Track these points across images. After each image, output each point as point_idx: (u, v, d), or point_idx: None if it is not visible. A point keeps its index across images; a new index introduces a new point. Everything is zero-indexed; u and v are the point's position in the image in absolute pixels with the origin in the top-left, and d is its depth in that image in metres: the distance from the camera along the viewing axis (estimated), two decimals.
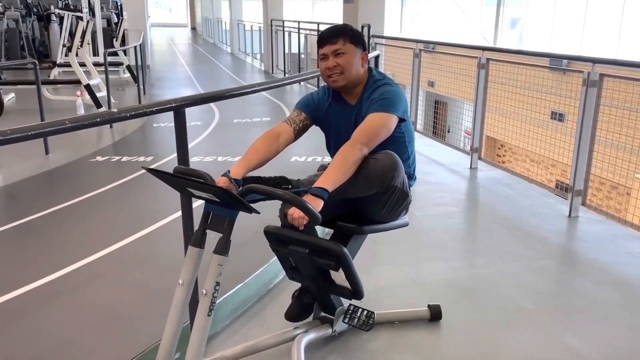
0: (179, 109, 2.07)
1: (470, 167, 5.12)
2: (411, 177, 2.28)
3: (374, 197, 2.10)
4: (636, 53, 11.80)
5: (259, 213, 1.68)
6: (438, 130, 6.91)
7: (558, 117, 6.82)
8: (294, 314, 2.35)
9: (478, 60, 5.07)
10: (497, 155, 11.65)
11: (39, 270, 2.96)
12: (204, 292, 1.73)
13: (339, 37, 2.11)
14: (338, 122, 2.22)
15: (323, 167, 2.28)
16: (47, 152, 5.65)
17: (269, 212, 2.13)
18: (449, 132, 7.69)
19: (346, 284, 2.13)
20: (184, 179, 1.70)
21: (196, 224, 1.85)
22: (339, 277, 2.15)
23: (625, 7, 12.49)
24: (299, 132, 2.20)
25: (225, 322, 2.54)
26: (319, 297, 2.33)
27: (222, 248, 1.73)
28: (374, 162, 2.02)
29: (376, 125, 2.03)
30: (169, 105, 2.05)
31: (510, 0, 16.11)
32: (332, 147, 2.26)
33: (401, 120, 2.12)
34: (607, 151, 4.31)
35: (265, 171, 2.04)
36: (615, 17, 12.75)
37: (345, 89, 2.17)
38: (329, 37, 2.12)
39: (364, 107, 2.13)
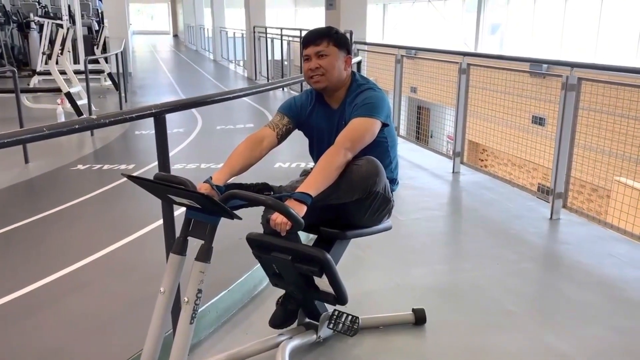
0: (159, 115, 2.05)
1: (453, 172, 5.15)
2: (394, 182, 2.29)
3: (357, 203, 2.10)
4: (613, 57, 12.02)
5: (240, 219, 1.67)
6: (421, 135, 6.95)
7: (539, 121, 6.91)
8: (279, 320, 2.33)
9: (459, 65, 5.11)
10: (480, 159, 11.75)
11: (20, 280, 2.91)
12: (186, 300, 1.71)
13: (323, 39, 2.12)
14: (321, 127, 2.22)
15: (306, 173, 2.28)
16: (26, 161, 5.57)
17: (251, 219, 2.12)
18: (431, 137, 7.74)
19: (330, 289, 2.12)
20: (165, 186, 1.69)
21: (178, 231, 1.83)
22: (322, 283, 2.14)
23: (603, 12, 12.73)
24: (282, 137, 2.19)
25: (209, 330, 2.51)
26: (303, 304, 2.32)
27: (204, 255, 1.72)
28: (356, 168, 2.02)
29: (360, 130, 2.03)
30: (149, 112, 2.03)
31: (491, 6, 16.34)
32: (315, 151, 2.26)
33: (384, 125, 2.12)
34: (586, 154, 4.38)
35: (249, 177, 2.03)
36: (593, 23, 12.98)
37: (328, 91, 2.17)
38: (313, 38, 2.13)
39: (347, 112, 2.13)
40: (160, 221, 2.26)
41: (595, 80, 3.95)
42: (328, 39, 2.12)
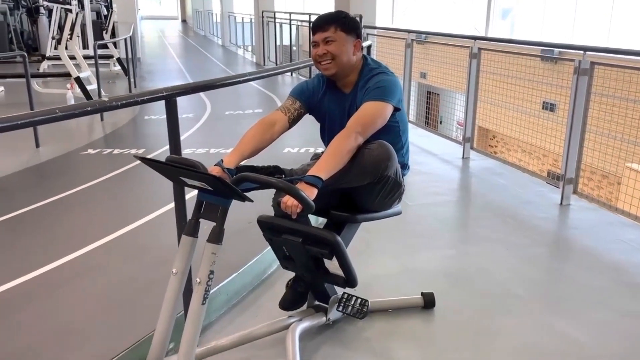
0: (170, 97, 2.06)
1: (463, 157, 5.14)
2: (405, 166, 2.29)
3: (367, 187, 2.10)
4: (627, 43, 11.84)
5: (252, 201, 1.68)
6: (430, 121, 6.92)
7: (549, 107, 6.85)
8: (288, 302, 2.35)
9: (470, 49, 5.07)
10: (489, 146, 11.68)
11: (32, 262, 2.95)
12: (198, 280, 1.73)
13: (331, 24, 2.10)
14: (332, 111, 2.21)
15: (317, 156, 2.28)
16: (37, 146, 5.61)
17: (262, 202, 2.13)
18: (441, 123, 7.71)
19: (340, 272, 2.13)
20: (177, 168, 1.69)
21: (189, 214, 1.85)
22: (332, 265, 2.15)
23: None
24: (293, 121, 2.19)
25: (220, 311, 2.54)
26: (313, 286, 2.34)
27: (216, 237, 1.73)
28: (367, 153, 2.02)
29: (371, 114, 2.02)
30: (160, 94, 2.03)
31: None
32: (326, 136, 2.25)
33: (396, 110, 2.11)
34: (598, 139, 4.34)
35: (258, 162, 2.03)
36: (606, 6, 12.77)
37: (338, 76, 2.16)
38: (321, 24, 2.11)
39: (359, 96, 2.12)
40: (171, 205, 2.28)
41: (609, 64, 3.90)
42: (336, 25, 2.10)
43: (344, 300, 2.36)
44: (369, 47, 5.72)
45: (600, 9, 13.03)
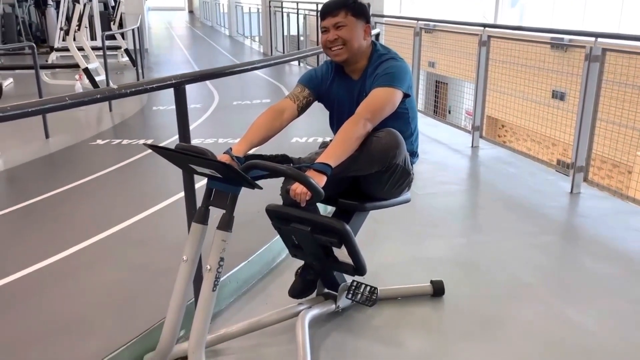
0: (179, 85, 2.06)
1: (472, 146, 5.11)
2: (414, 154, 2.27)
3: (376, 175, 2.09)
4: (638, 28, 11.68)
5: (261, 189, 1.68)
6: (439, 110, 6.88)
7: (559, 95, 6.78)
8: (298, 290, 2.36)
9: (479, 37, 5.02)
10: (498, 135, 11.61)
11: (43, 252, 2.97)
12: (209, 267, 1.74)
13: (341, 9, 2.07)
14: (341, 98, 2.20)
15: (325, 145, 2.27)
16: (47, 136, 5.64)
17: (270, 190, 2.13)
18: (449, 112, 7.66)
19: (349, 260, 2.13)
20: (187, 155, 1.70)
21: (199, 202, 1.85)
22: (341, 253, 2.15)
23: None
24: (302, 109, 2.17)
25: (229, 299, 2.55)
26: (322, 274, 2.34)
27: (225, 224, 1.74)
28: (376, 140, 2.01)
29: (380, 100, 2.01)
30: (169, 82, 2.03)
31: None
32: (335, 123, 2.24)
33: (405, 96, 2.09)
34: (609, 128, 4.30)
35: (266, 151, 2.03)
36: None
37: (348, 62, 2.14)
38: (330, 9, 2.09)
39: (368, 82, 2.10)
40: (180, 195, 2.28)
41: (621, 50, 3.86)
42: (346, 9, 2.08)
43: (353, 288, 2.37)
44: (377, 36, 5.68)
45: None
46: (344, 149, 1.91)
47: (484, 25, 5.18)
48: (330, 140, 2.07)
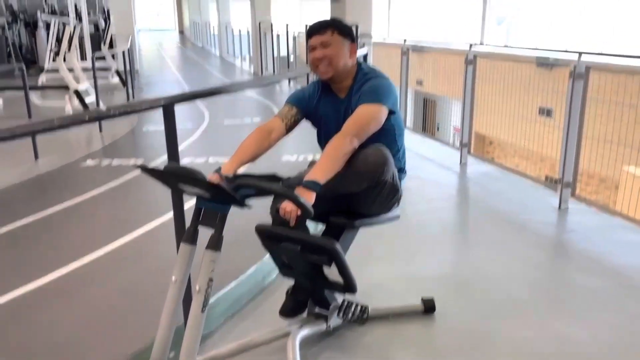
0: (168, 106, 2.07)
1: (460, 163, 5.15)
2: (401, 170, 2.29)
3: (365, 192, 2.10)
4: (622, 48, 11.91)
5: (250, 208, 1.69)
6: (428, 127, 6.94)
7: (546, 112, 6.87)
8: (289, 310, 2.35)
9: (465, 56, 5.09)
10: (487, 152, 11.70)
11: (32, 274, 2.95)
12: (198, 288, 1.73)
13: (327, 28, 2.13)
14: (328, 116, 2.23)
15: (313, 163, 2.29)
16: (36, 157, 5.62)
17: (259, 210, 2.13)
18: (438, 130, 7.73)
19: (339, 279, 2.13)
20: (176, 175, 1.70)
21: (188, 222, 1.85)
22: (331, 272, 2.15)
23: (611, 2, 12.62)
24: (290, 127, 2.20)
25: (220, 320, 2.53)
26: (312, 293, 2.34)
27: (215, 244, 1.74)
28: (363, 157, 2.03)
29: (366, 116, 2.04)
30: (158, 103, 2.05)
31: None
32: (323, 140, 2.26)
33: (391, 113, 2.12)
34: (594, 143, 4.36)
35: (257, 169, 2.04)
36: (601, 14, 12.86)
37: (334, 81, 2.18)
38: (317, 28, 2.14)
39: (354, 100, 2.14)
40: (170, 215, 2.28)
41: (604, 68, 3.93)
42: (332, 28, 2.14)
43: (344, 306, 2.36)
44: (365, 56, 5.75)
45: (595, 16, 13.11)
46: (332, 165, 1.93)
47: (470, 44, 5.25)
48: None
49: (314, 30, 2.15)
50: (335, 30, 2.13)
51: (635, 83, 4.15)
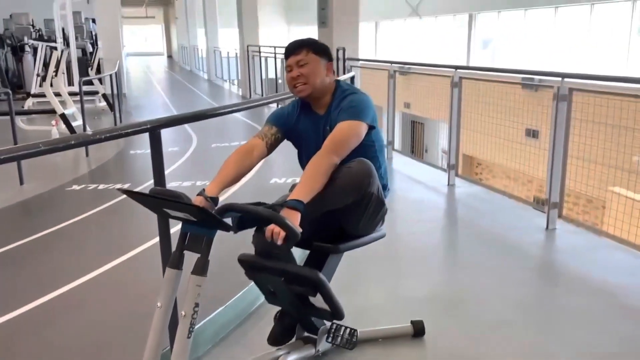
0: (154, 130, 2.06)
1: (448, 184, 5.16)
2: (385, 187, 2.29)
3: (351, 208, 2.09)
4: (603, 68, 12.15)
5: (236, 232, 1.68)
6: (416, 149, 6.98)
7: (532, 134, 6.94)
8: (277, 337, 2.32)
9: (451, 79, 5.15)
10: (475, 173, 11.79)
11: (16, 300, 2.89)
12: (183, 313, 1.70)
13: (303, 48, 2.16)
14: (308, 134, 2.24)
15: (294, 187, 2.28)
16: (21, 183, 5.55)
17: (246, 236, 2.11)
18: (426, 152, 7.79)
19: (326, 306, 2.11)
20: (160, 199, 1.69)
21: (174, 247, 1.83)
22: (317, 300, 2.13)
23: (592, 24, 12.90)
24: (271, 146, 2.21)
25: (207, 346, 2.49)
26: (300, 319, 2.31)
27: (200, 268, 1.72)
28: (347, 171, 2.03)
29: (345, 133, 2.06)
30: (144, 127, 2.04)
31: (482, 20, 16.53)
32: (304, 159, 2.27)
33: (371, 128, 2.14)
34: (580, 164, 4.39)
35: (245, 193, 2.03)
36: (583, 35, 13.14)
37: (312, 98, 2.20)
38: (293, 48, 2.17)
39: (333, 116, 2.16)
40: (156, 240, 2.26)
41: (586, 90, 3.99)
42: (307, 48, 2.17)
43: (333, 330, 2.33)
44: (352, 79, 5.81)
45: (577, 37, 13.38)
46: (314, 183, 1.93)
47: (456, 67, 5.32)
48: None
49: (289, 51, 2.18)
50: (310, 49, 2.16)
51: (617, 105, 4.21)
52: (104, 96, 11.01)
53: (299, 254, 2.57)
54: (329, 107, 2.20)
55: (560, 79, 3.94)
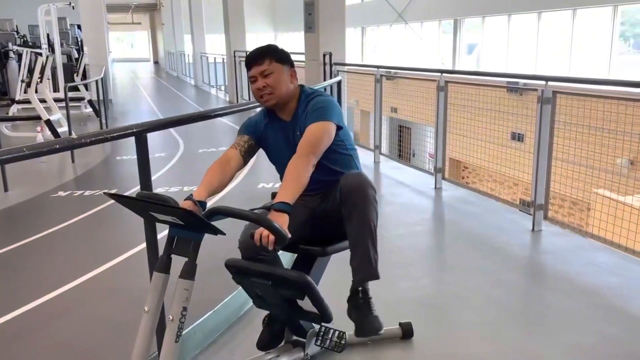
0: (140, 134, 2.06)
1: (435, 187, 5.19)
2: None
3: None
4: (586, 72, 12.31)
5: (224, 234, 1.67)
6: (403, 153, 7.01)
7: (518, 137, 7.01)
8: (266, 342, 2.31)
9: (437, 83, 5.19)
10: (462, 177, 11.87)
11: (1, 308, 2.85)
12: (171, 318, 1.70)
13: (265, 57, 2.16)
14: (277, 140, 2.26)
15: (274, 195, 2.29)
16: (6, 190, 5.49)
17: (235, 240, 2.11)
18: (414, 156, 7.80)
19: (314, 309, 2.11)
20: (147, 202, 1.68)
21: (161, 251, 1.82)
22: (306, 303, 2.13)
23: (575, 29, 13.07)
24: (245, 154, 2.22)
25: (195, 351, 2.48)
26: (288, 323, 2.31)
27: (188, 272, 1.71)
28: (345, 182, 2.08)
29: (317, 134, 2.09)
30: (130, 131, 2.03)
31: (467, 26, 16.68)
32: (277, 164, 2.31)
33: (339, 128, 2.17)
34: (565, 167, 4.45)
35: (235, 196, 2.03)
36: (566, 40, 13.31)
37: (278, 106, 2.22)
38: (255, 58, 2.17)
39: (301, 120, 2.18)
40: (143, 245, 2.25)
41: (570, 92, 4.04)
42: (270, 57, 2.16)
43: (322, 333, 2.33)
44: (339, 83, 5.82)
45: (560, 42, 13.55)
46: (296, 185, 1.96)
47: (441, 71, 5.37)
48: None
49: (251, 61, 2.17)
50: (272, 58, 2.16)
51: (601, 107, 4.27)
52: (90, 102, 10.94)
53: (286, 258, 2.57)
54: (296, 112, 2.22)
55: (544, 82, 3.99)
